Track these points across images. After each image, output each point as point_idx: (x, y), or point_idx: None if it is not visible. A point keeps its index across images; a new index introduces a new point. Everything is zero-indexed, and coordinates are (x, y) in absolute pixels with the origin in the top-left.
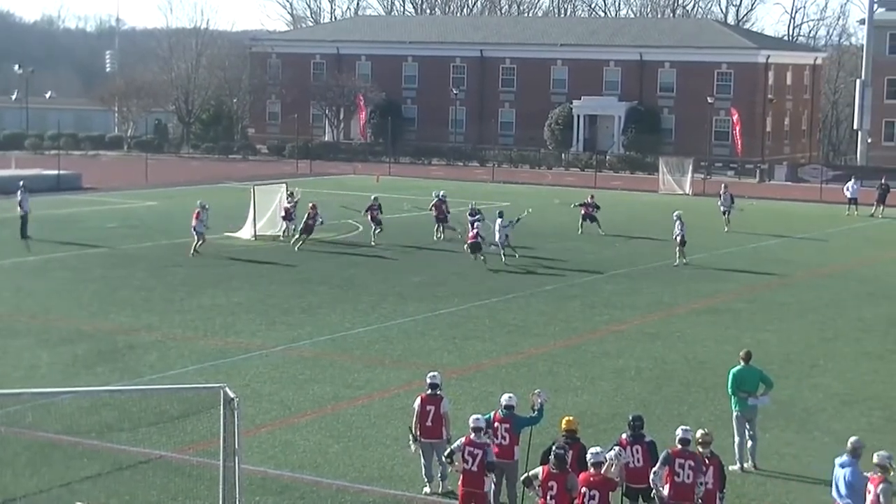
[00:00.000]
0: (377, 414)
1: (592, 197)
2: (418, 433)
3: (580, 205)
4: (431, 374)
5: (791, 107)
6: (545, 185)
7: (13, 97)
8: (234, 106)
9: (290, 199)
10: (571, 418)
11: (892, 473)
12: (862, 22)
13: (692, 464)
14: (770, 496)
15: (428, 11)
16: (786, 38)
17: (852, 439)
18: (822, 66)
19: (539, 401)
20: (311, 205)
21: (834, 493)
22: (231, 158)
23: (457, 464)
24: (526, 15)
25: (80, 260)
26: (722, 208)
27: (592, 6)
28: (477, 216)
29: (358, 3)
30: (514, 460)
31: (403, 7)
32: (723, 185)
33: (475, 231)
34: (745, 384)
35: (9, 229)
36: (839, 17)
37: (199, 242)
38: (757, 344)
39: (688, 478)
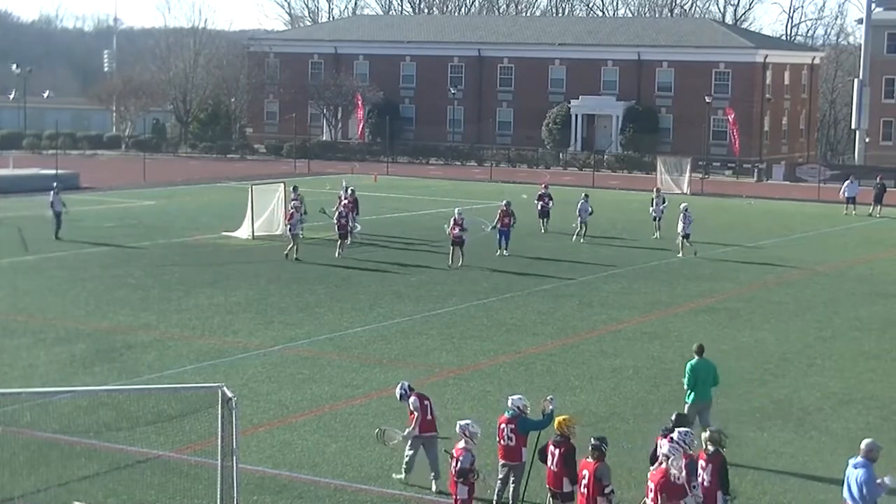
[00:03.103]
0: (375, 413)
1: (546, 186)
2: (418, 430)
3: (536, 199)
4: (400, 385)
5: (789, 106)
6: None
7: (11, 96)
8: (231, 105)
9: (294, 192)
10: (565, 418)
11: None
12: (860, 21)
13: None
14: (768, 495)
15: (426, 11)
16: (784, 37)
17: (867, 441)
18: (819, 66)
19: (550, 407)
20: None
21: (845, 494)
22: (229, 158)
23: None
24: (524, 14)
25: (78, 259)
26: (653, 214)
27: (590, 6)
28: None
29: (356, 3)
30: (521, 462)
31: (401, 7)
32: (655, 189)
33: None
34: (703, 376)
35: (7, 228)
36: (837, 17)
37: (295, 246)
38: (754, 343)
39: (676, 479)
